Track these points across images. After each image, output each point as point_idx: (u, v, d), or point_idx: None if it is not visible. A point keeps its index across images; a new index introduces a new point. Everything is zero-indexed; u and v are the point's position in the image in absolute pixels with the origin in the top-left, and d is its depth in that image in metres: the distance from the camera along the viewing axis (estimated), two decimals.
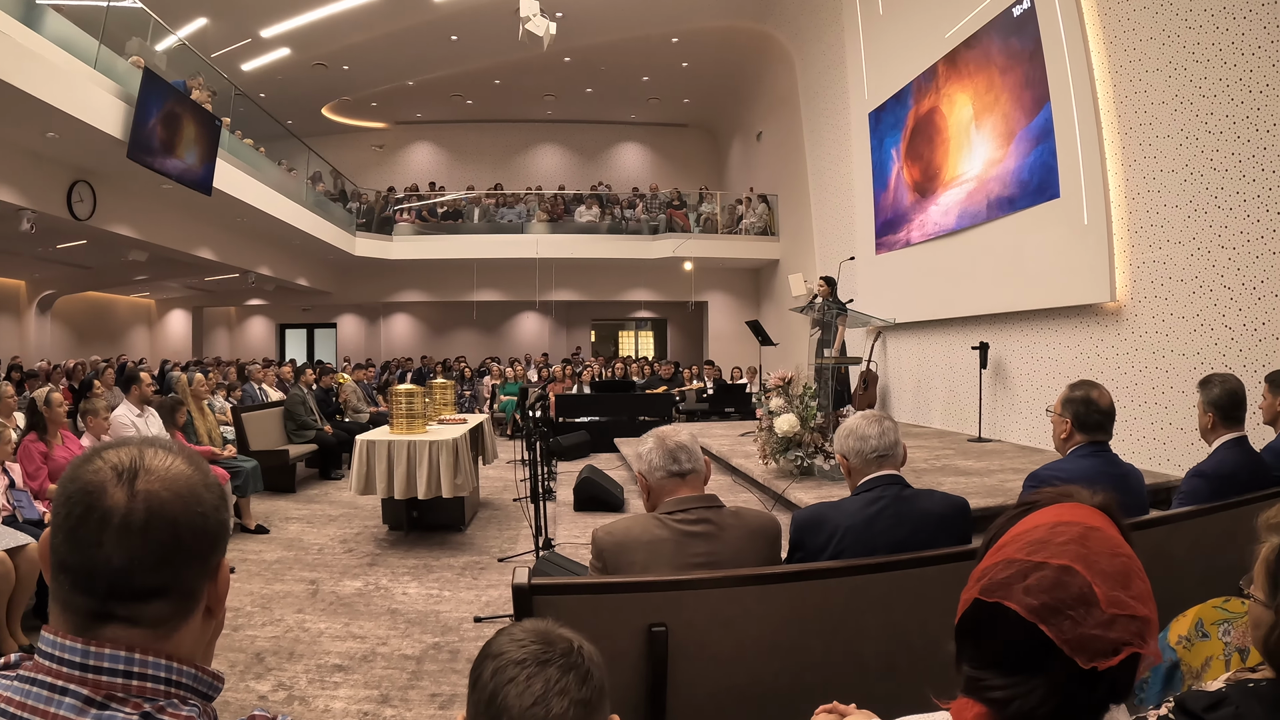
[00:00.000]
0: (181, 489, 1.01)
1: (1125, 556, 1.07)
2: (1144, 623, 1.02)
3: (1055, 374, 8.62)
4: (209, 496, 1.04)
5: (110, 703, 0.94)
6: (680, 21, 17.60)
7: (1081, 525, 1.08)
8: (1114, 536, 1.10)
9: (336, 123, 22.86)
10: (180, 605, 1.01)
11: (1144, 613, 1.03)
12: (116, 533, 0.96)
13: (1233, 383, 3.54)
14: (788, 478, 7.15)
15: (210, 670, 1.05)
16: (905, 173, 11.90)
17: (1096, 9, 7.87)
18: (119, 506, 0.97)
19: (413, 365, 20.26)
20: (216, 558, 1.06)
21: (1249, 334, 6.34)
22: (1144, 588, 1.06)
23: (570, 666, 1.17)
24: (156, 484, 0.99)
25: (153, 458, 1.02)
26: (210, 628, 1.08)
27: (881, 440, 2.81)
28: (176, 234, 13.68)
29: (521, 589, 2.11)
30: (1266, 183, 6.14)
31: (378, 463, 6.88)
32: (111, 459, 1.00)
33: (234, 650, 4.56)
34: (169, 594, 1.00)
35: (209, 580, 1.05)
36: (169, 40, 12.33)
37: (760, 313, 20.26)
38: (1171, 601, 2.36)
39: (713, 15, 17.42)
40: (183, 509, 1.00)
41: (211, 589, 1.06)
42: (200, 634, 1.06)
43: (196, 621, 1.04)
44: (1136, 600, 1.03)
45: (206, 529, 1.03)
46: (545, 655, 1.17)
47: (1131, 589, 1.03)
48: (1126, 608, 1.01)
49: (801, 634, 2.33)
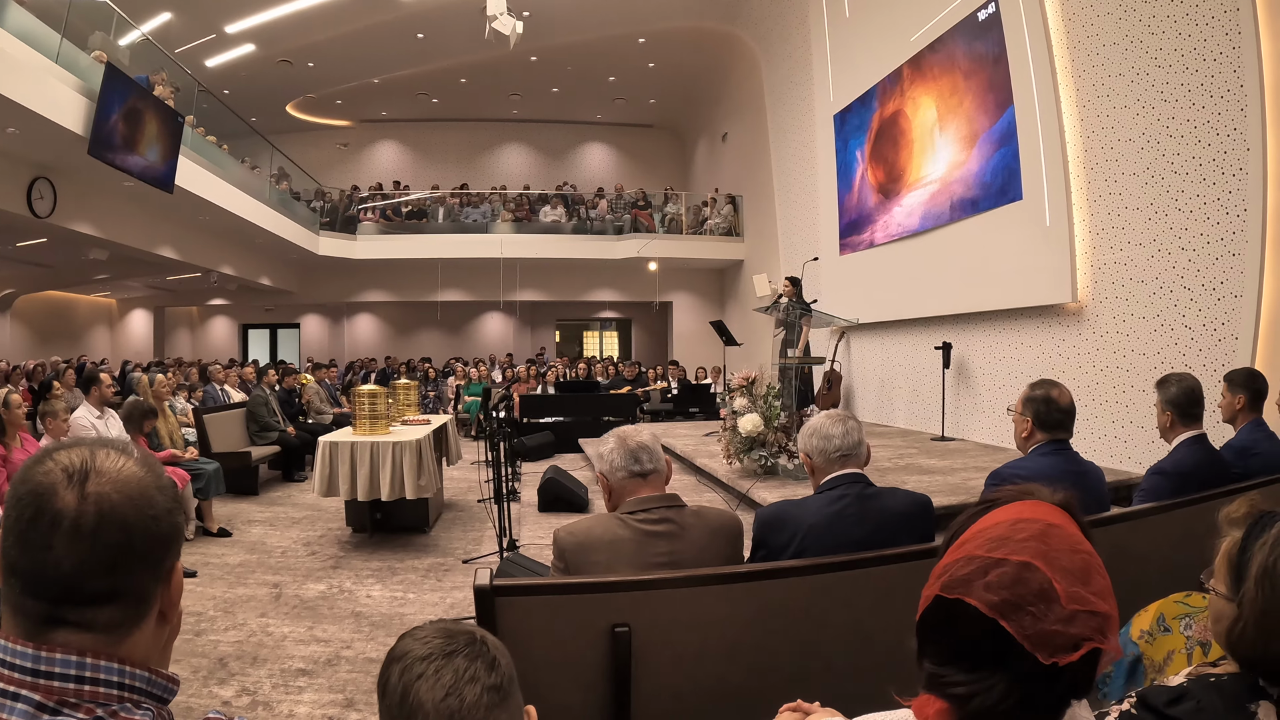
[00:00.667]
0: (133, 491, 0.98)
1: (1085, 553, 1.07)
2: (1104, 618, 1.02)
3: (1017, 373, 8.70)
4: (161, 499, 1.01)
5: (63, 708, 0.92)
6: (647, 22, 17.60)
7: (1042, 522, 1.08)
8: (1074, 533, 1.09)
9: (301, 120, 22.64)
10: (132, 610, 0.99)
11: (1104, 609, 1.02)
12: (67, 536, 0.94)
13: (1190, 381, 3.57)
14: (752, 477, 7.17)
15: (165, 673, 1.03)
16: (870, 174, 11.97)
17: (1061, 14, 7.95)
18: (69, 509, 0.94)
19: (377, 366, 20.14)
20: (169, 561, 1.03)
21: (1208, 334, 6.42)
22: (1104, 584, 1.05)
23: (476, 655, 1.18)
24: (108, 486, 0.97)
25: (104, 459, 0.99)
26: (165, 632, 1.06)
27: (845, 439, 2.82)
28: (138, 232, 13.46)
29: (483, 590, 2.08)
30: (1226, 186, 6.23)
31: (341, 464, 6.81)
32: (63, 460, 0.98)
33: (197, 655, 4.50)
34: (121, 598, 0.97)
35: (162, 584, 1.02)
36: (132, 35, 12.16)
37: (725, 313, 20.34)
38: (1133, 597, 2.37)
39: (680, 16, 17.42)
40: (134, 512, 0.98)
41: (164, 593, 1.03)
42: (154, 638, 1.03)
43: (150, 626, 1.01)
44: (1097, 596, 1.02)
45: (158, 532, 1.00)
46: (450, 647, 1.17)
47: (1092, 585, 1.03)
48: (1087, 603, 1.01)
49: (765, 633, 2.31)
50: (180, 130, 11.52)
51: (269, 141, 18.00)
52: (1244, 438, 4.03)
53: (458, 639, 1.19)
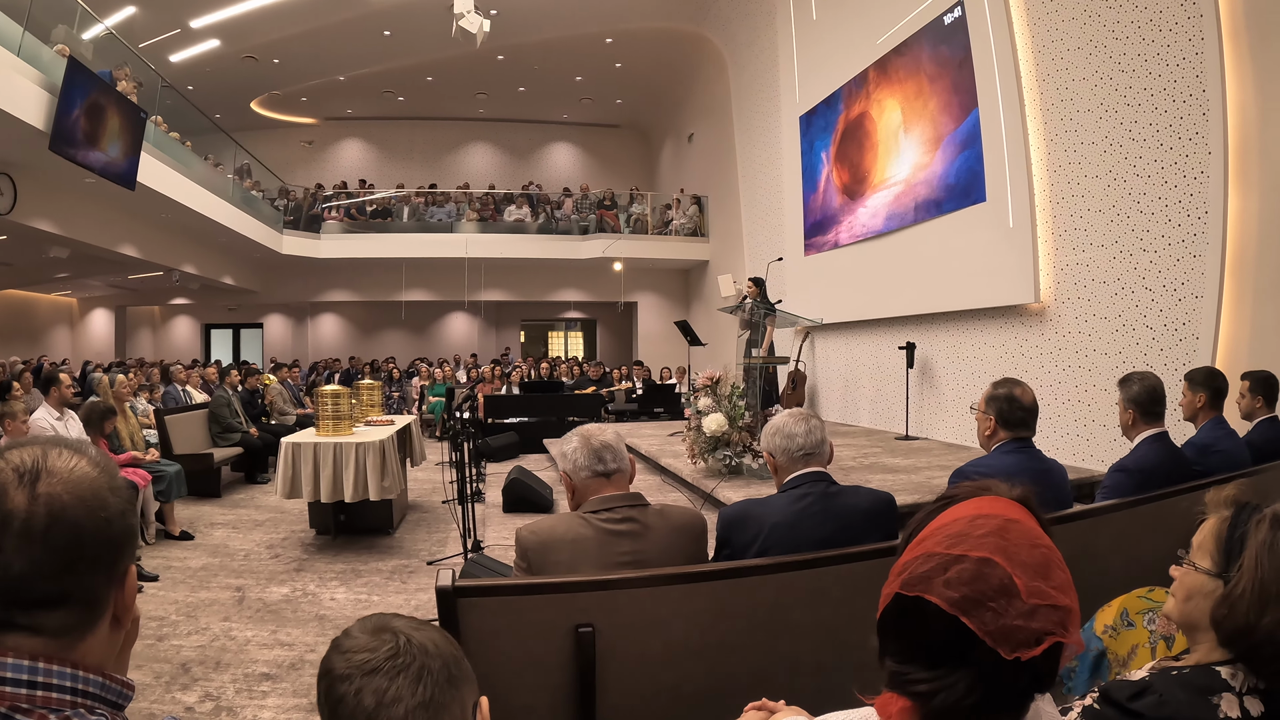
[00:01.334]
0: (85, 492, 0.96)
1: (1045, 547, 1.07)
2: (1065, 612, 1.02)
3: (981, 373, 8.77)
4: (114, 500, 0.99)
5: (14, 714, 0.89)
6: (615, 22, 17.59)
7: (1001, 518, 1.08)
8: (1033, 528, 1.09)
9: (265, 117, 22.40)
10: (85, 613, 0.96)
11: (1065, 602, 1.02)
12: (16, 538, 0.91)
13: (1151, 380, 3.60)
14: (716, 477, 7.17)
15: (119, 678, 1.00)
16: (835, 175, 12.02)
17: (1026, 19, 8.03)
18: (19, 510, 0.92)
19: (341, 366, 19.94)
20: (123, 564, 1.01)
21: (1169, 334, 6.51)
22: (1064, 578, 1.05)
23: (399, 670, 1.07)
24: (59, 486, 0.94)
25: (56, 459, 0.97)
26: (119, 636, 1.03)
27: (808, 438, 2.81)
28: (99, 230, 13.24)
29: (445, 591, 2.07)
30: (1188, 189, 6.32)
31: (304, 465, 6.74)
32: (14, 459, 0.95)
33: (159, 661, 4.44)
34: (72, 602, 0.95)
35: (115, 587, 1.00)
36: (96, 29, 11.97)
37: (689, 313, 20.39)
38: (1096, 592, 2.39)
39: (648, 17, 17.44)
40: (86, 513, 0.95)
41: (118, 596, 1.00)
42: (108, 643, 1.00)
43: (103, 630, 0.99)
44: (1057, 590, 1.02)
45: (111, 534, 0.97)
46: (370, 663, 1.07)
47: (1052, 579, 1.03)
48: (1048, 598, 1.01)
49: (730, 632, 2.31)
50: (143, 126, 11.35)
51: (233, 139, 17.79)
52: (1205, 435, 4.07)
53: (378, 651, 1.08)
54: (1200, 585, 1.52)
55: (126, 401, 8.19)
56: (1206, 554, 1.55)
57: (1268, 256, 5.80)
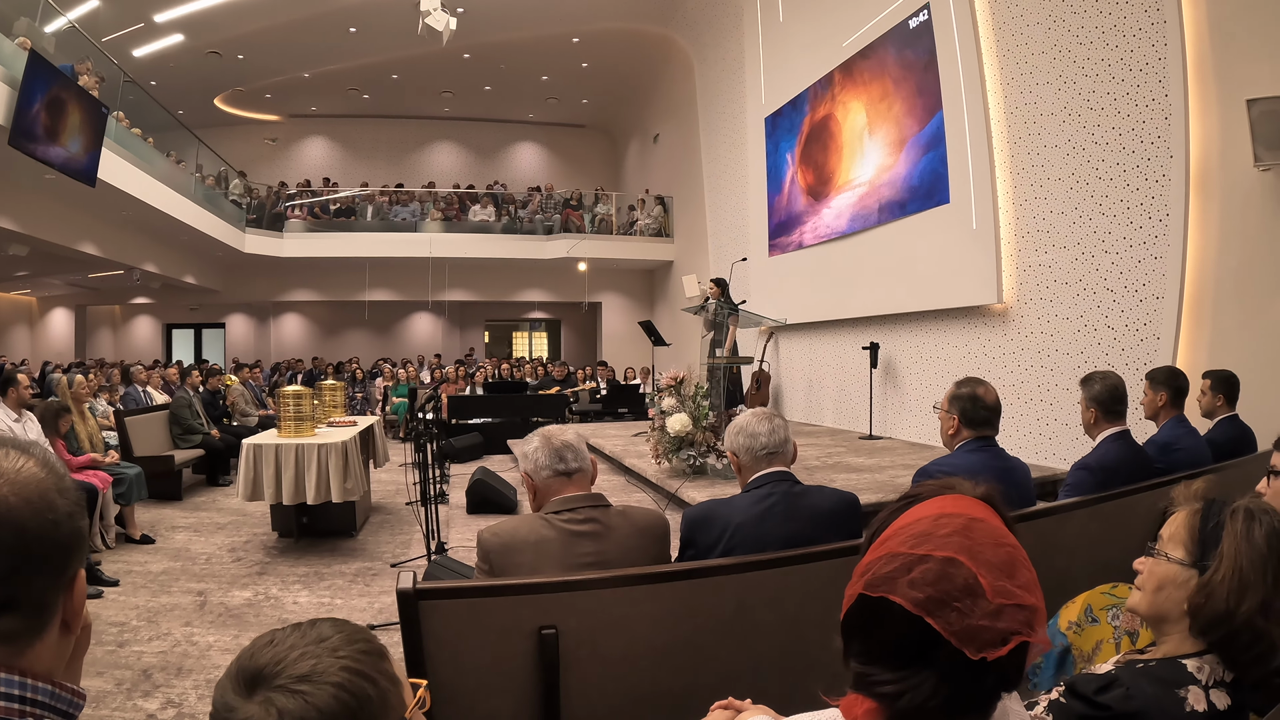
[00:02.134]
0: (31, 494, 0.92)
1: (1010, 546, 1.06)
2: (1031, 611, 1.01)
3: (944, 373, 8.82)
4: (62, 502, 0.95)
5: None
6: (582, 22, 17.58)
7: (965, 516, 1.07)
8: (998, 527, 1.09)
9: (229, 114, 22.16)
10: (32, 619, 0.93)
11: (1031, 601, 1.01)
12: None
13: (1113, 379, 3.63)
14: (681, 477, 7.16)
15: (70, 686, 0.96)
16: (799, 177, 12.07)
17: (991, 23, 8.10)
18: None
19: (303, 367, 19.76)
20: (72, 568, 0.97)
21: (1131, 334, 6.59)
22: (1029, 576, 1.04)
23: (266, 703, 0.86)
24: (4, 488, 0.91)
25: (2, 459, 0.94)
26: (69, 642, 0.99)
27: (771, 437, 2.82)
28: (59, 228, 13.06)
29: (406, 594, 2.05)
30: (1150, 191, 6.40)
31: (265, 467, 6.66)
32: None
33: (120, 667, 4.37)
34: (18, 607, 0.91)
35: (64, 593, 0.96)
36: (59, 22, 11.81)
37: (654, 313, 20.43)
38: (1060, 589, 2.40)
39: (615, 17, 17.44)
40: (32, 515, 0.92)
41: (67, 602, 0.97)
42: (58, 650, 0.97)
43: (52, 637, 0.95)
44: (1023, 589, 1.01)
45: (59, 537, 0.94)
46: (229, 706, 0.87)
47: (1017, 578, 1.02)
48: (1013, 597, 1.00)
49: (695, 632, 2.31)
50: (104, 122, 11.19)
51: (195, 135, 17.59)
52: (1166, 434, 4.12)
53: (223, 705, 0.87)
54: (1173, 575, 1.54)
55: (85, 402, 8.06)
56: (1180, 544, 1.56)
57: (1227, 258, 5.88)
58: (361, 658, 0.91)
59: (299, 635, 0.92)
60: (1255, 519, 1.49)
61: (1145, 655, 1.55)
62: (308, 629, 0.93)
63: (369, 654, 0.92)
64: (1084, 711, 1.45)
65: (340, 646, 0.91)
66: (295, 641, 0.91)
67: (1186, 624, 1.50)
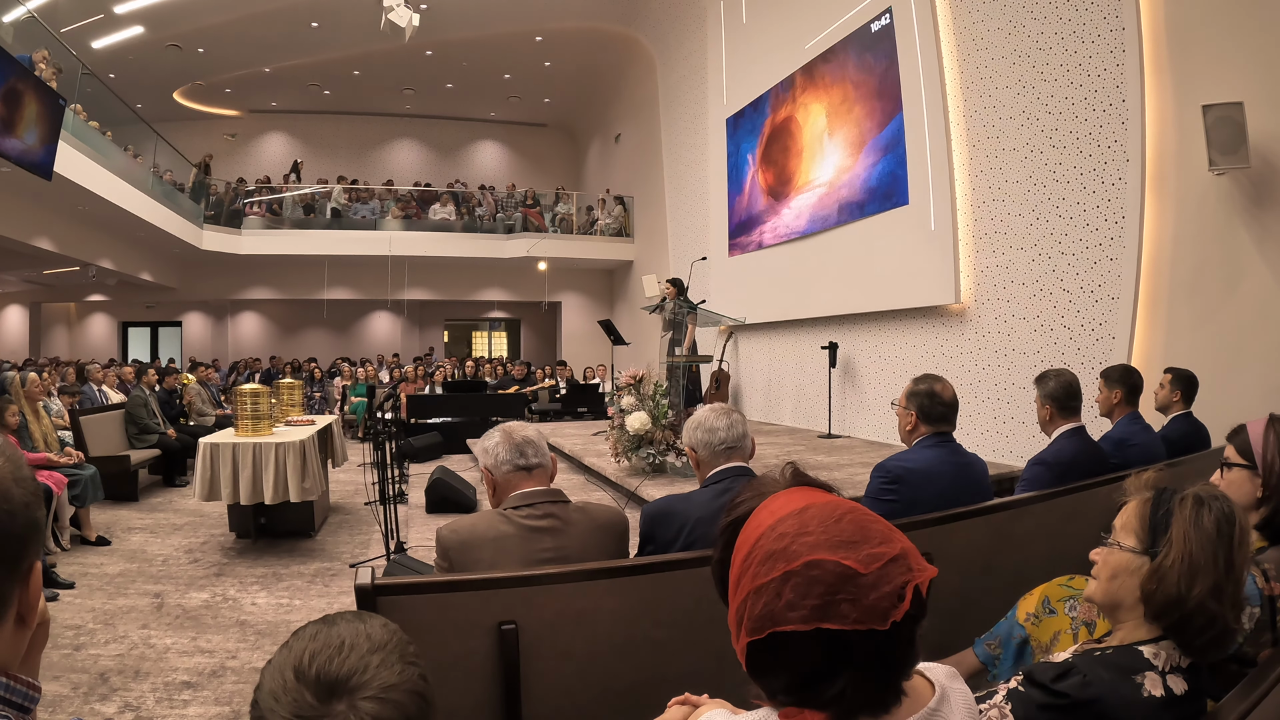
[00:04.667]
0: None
1: (847, 511, 1.04)
2: (904, 556, 1.00)
3: (902, 372, 8.90)
4: (18, 492, 0.92)
5: None
6: (545, 21, 17.59)
7: (792, 514, 1.05)
8: (826, 501, 1.07)
9: (188, 109, 21.90)
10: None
11: (898, 549, 1.00)
12: None
13: (1067, 376, 3.68)
14: (640, 475, 7.18)
15: (25, 679, 0.94)
16: (760, 177, 12.13)
17: (952, 28, 8.20)
18: None
19: (261, 366, 19.53)
20: (27, 560, 0.94)
21: (1086, 333, 6.69)
22: (882, 527, 1.03)
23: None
24: None
25: None
26: (23, 636, 0.96)
27: (730, 432, 2.82)
28: (13, 222, 12.80)
29: (365, 590, 2.04)
30: (1106, 194, 6.51)
31: (222, 467, 6.56)
32: None
33: (76, 671, 4.29)
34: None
35: (19, 585, 0.93)
36: (17, 11, 11.59)
37: (614, 313, 20.49)
38: (1018, 581, 2.43)
39: (578, 16, 17.46)
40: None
41: (22, 594, 0.94)
42: (12, 642, 0.94)
43: (7, 629, 0.92)
44: (884, 544, 1.00)
45: (13, 528, 0.91)
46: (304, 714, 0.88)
47: (873, 537, 1.01)
48: (882, 557, 0.99)
49: (654, 626, 2.31)
50: (61, 114, 10.96)
51: (154, 129, 17.22)
52: (1121, 430, 4.18)
53: (307, 712, 0.88)
54: (1126, 563, 1.57)
55: (39, 401, 7.92)
56: (1131, 533, 1.59)
57: (1182, 260, 5.99)
58: (418, 660, 0.98)
59: (361, 637, 0.96)
60: (1204, 505, 1.52)
61: (1103, 644, 1.57)
62: (359, 627, 0.98)
63: (418, 656, 0.98)
64: (1042, 700, 1.46)
65: (404, 649, 0.97)
66: (364, 647, 0.94)
67: (1141, 610, 1.52)
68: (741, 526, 1.11)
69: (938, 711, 1.05)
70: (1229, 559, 1.47)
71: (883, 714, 1.02)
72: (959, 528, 2.81)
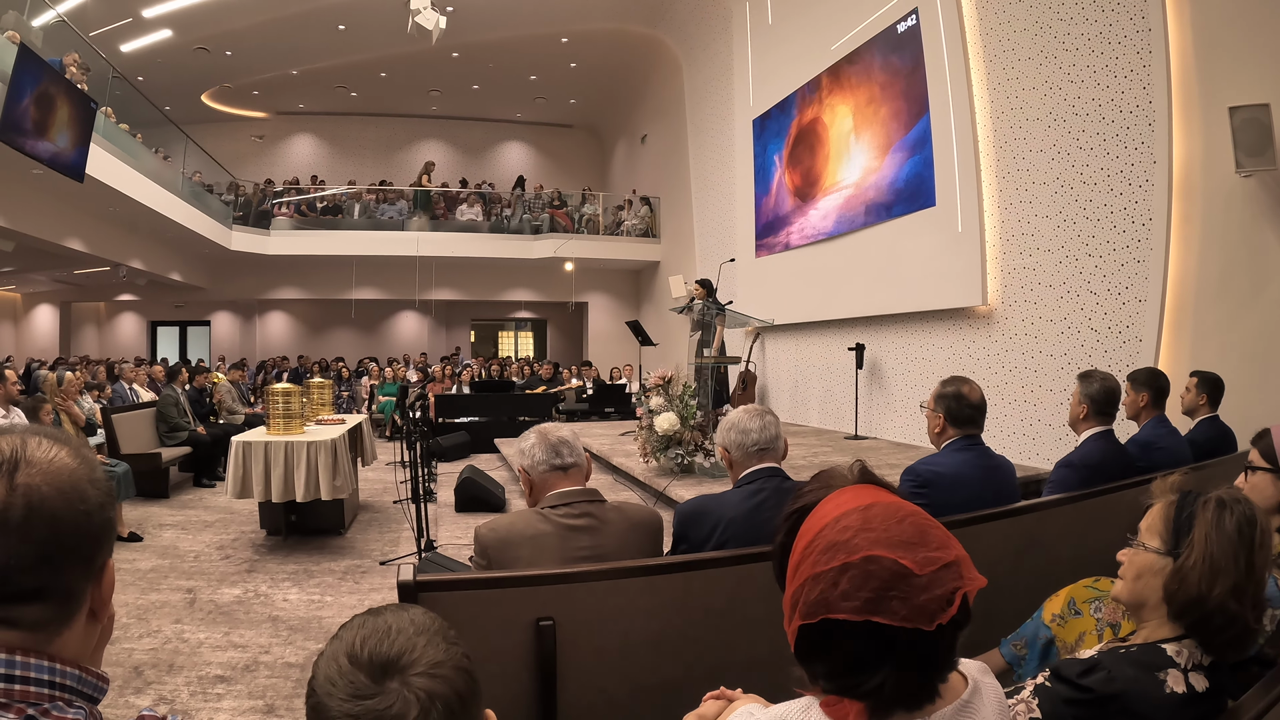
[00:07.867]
0: (64, 484, 0.93)
1: (910, 514, 1.09)
2: (958, 563, 1.05)
3: (929, 374, 8.89)
4: (94, 493, 0.96)
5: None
6: (571, 22, 17.57)
7: (858, 510, 1.09)
8: (891, 502, 1.11)
9: (216, 110, 22.00)
10: (62, 607, 0.94)
11: (953, 556, 1.05)
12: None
13: (1111, 382, 3.69)
14: (668, 475, 7.21)
15: (95, 671, 0.97)
16: (787, 178, 12.12)
17: (978, 29, 8.16)
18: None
19: (289, 365, 19.66)
20: (101, 558, 0.98)
21: (1114, 336, 6.67)
22: (940, 533, 1.08)
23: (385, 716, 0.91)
24: (38, 477, 0.91)
25: (36, 448, 0.94)
26: (95, 630, 1.01)
27: (763, 434, 2.85)
28: (46, 223, 12.91)
29: (407, 586, 2.06)
30: (1133, 196, 6.48)
31: (254, 465, 6.63)
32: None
33: (110, 664, 4.31)
34: (49, 595, 0.92)
35: (93, 582, 0.97)
36: (47, 15, 11.71)
37: (640, 313, 20.45)
38: (1044, 582, 2.45)
39: (604, 18, 17.43)
40: (65, 505, 0.92)
41: (95, 591, 0.98)
42: (85, 637, 0.98)
43: (80, 624, 0.96)
44: (941, 550, 1.05)
45: (89, 528, 0.95)
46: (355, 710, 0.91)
47: (931, 542, 1.05)
48: (936, 561, 1.03)
49: (688, 623, 2.34)
50: (93, 117, 11.09)
51: (183, 131, 17.37)
52: (1148, 433, 4.18)
53: (364, 691, 0.91)
54: (1150, 564, 1.61)
55: (73, 399, 8.04)
56: (1156, 534, 1.63)
57: (1209, 262, 5.96)
58: (459, 642, 1.01)
59: (406, 622, 1.00)
60: (1227, 508, 1.55)
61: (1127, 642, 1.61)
62: (403, 615, 1.01)
63: (458, 639, 1.02)
64: (1068, 694, 1.50)
65: (445, 633, 1.00)
66: (410, 630, 0.98)
67: (1164, 609, 1.56)
68: (806, 515, 1.16)
69: (970, 704, 1.10)
70: (1249, 560, 1.51)
71: (917, 710, 1.06)
72: (986, 529, 2.83)
